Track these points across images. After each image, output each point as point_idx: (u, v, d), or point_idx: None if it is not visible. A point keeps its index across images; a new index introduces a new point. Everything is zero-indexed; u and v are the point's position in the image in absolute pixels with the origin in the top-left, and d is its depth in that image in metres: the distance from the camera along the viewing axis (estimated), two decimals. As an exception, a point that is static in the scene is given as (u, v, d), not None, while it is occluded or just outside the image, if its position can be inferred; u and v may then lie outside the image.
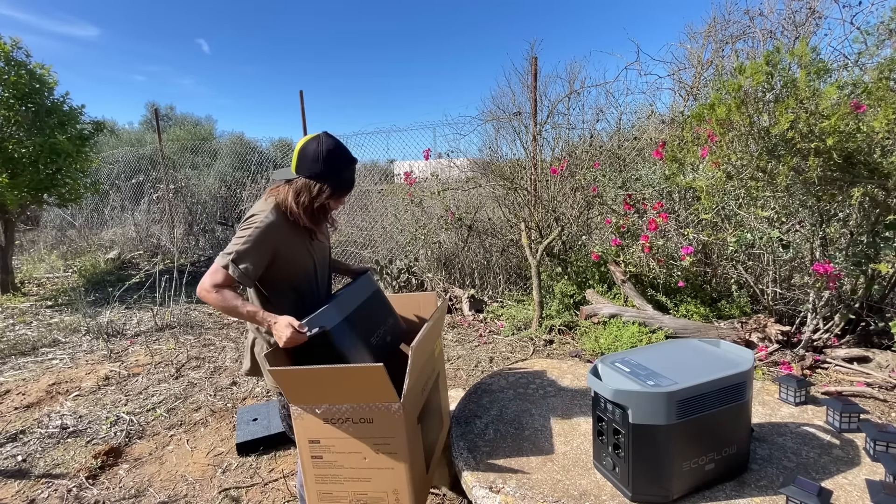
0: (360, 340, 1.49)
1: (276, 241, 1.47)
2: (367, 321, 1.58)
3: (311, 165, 1.47)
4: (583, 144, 4.79)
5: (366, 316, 1.59)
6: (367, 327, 1.56)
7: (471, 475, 1.32)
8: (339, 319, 1.46)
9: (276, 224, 1.47)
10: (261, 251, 1.45)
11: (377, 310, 1.67)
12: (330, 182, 1.48)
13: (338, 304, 1.52)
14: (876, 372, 2.70)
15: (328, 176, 1.48)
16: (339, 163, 1.49)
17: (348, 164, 1.52)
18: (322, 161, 1.46)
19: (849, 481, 1.21)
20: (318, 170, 1.46)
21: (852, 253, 2.67)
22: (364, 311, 1.59)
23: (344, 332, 1.45)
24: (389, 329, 1.69)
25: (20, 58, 5.14)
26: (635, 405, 1.12)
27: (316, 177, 1.47)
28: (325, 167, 1.46)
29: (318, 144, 1.47)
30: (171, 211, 7.68)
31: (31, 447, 2.57)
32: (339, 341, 1.43)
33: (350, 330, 1.48)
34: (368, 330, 1.56)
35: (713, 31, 4.10)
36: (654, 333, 3.37)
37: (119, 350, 3.97)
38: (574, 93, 4.75)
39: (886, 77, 2.21)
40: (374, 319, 1.62)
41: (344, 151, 1.51)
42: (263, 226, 1.45)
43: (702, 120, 2.66)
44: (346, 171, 1.52)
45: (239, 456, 2.44)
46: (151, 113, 13.60)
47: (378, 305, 1.69)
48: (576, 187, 4.52)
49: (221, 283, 1.43)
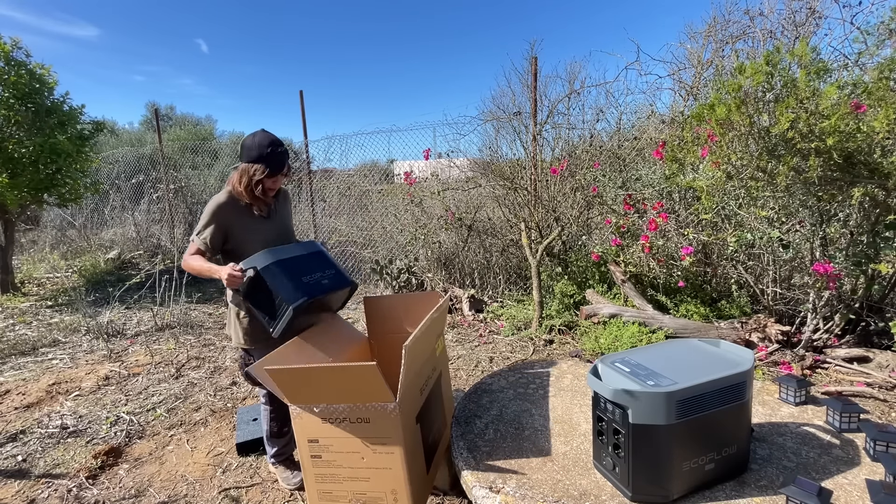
0: (289, 278, 1.76)
1: (225, 217, 1.86)
2: (301, 266, 1.84)
3: (247, 153, 1.85)
4: (583, 144, 4.79)
5: (301, 263, 1.85)
6: (301, 270, 1.82)
7: (471, 475, 1.32)
8: (270, 262, 1.77)
9: (225, 204, 1.87)
10: (214, 224, 1.85)
11: (311, 262, 1.89)
12: (262, 163, 1.82)
13: (274, 252, 1.82)
14: (876, 372, 2.70)
15: (260, 159, 1.82)
16: (267, 147, 1.84)
17: (276, 147, 1.85)
18: (255, 147, 1.84)
19: (849, 481, 1.21)
20: (253, 155, 1.83)
21: (852, 253, 2.67)
22: (300, 261, 1.86)
23: (273, 272, 1.76)
24: (330, 275, 1.89)
25: (20, 58, 5.14)
26: (635, 405, 1.12)
27: (252, 160, 1.84)
28: (257, 152, 1.83)
29: (253, 137, 1.86)
30: (171, 211, 7.68)
31: (31, 447, 2.57)
32: (269, 278, 1.75)
33: (280, 271, 1.77)
34: (301, 271, 1.82)
35: (713, 31, 4.10)
36: (654, 333, 3.37)
37: (119, 350, 3.97)
38: (574, 93, 4.75)
39: (886, 77, 2.20)
40: (309, 266, 1.86)
41: (272, 138, 1.86)
42: (214, 205, 1.86)
43: (702, 120, 2.66)
44: (275, 155, 1.84)
45: (239, 456, 2.43)
46: (151, 113, 13.60)
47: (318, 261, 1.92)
48: (576, 187, 4.52)
49: (193, 252, 1.86)
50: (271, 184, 1.89)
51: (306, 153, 6.31)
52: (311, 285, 1.79)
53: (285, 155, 1.88)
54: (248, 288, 1.76)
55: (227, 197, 1.88)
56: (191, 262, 1.84)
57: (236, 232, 1.89)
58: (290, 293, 1.74)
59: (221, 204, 1.86)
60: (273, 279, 1.75)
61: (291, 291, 1.74)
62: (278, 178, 1.89)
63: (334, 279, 1.90)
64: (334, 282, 1.89)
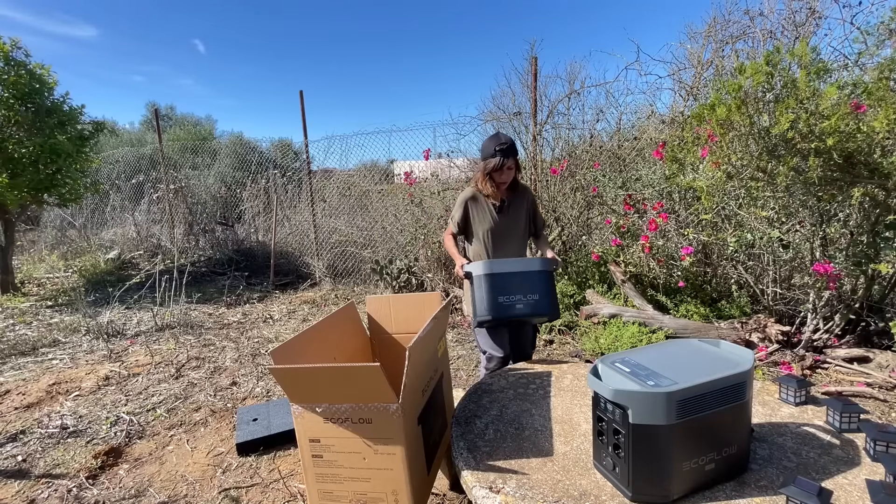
0: (488, 294, 2.00)
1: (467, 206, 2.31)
2: (506, 285, 2.01)
3: (481, 152, 2.29)
4: (583, 144, 4.79)
5: (508, 282, 2.02)
6: (502, 289, 2.01)
7: (471, 475, 1.32)
8: (482, 272, 2.02)
9: (469, 196, 2.32)
10: (460, 211, 2.32)
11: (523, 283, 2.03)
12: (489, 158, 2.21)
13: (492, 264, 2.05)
14: (876, 372, 2.70)
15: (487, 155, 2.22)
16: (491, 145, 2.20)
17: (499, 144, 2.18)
18: (483, 147, 2.28)
19: (849, 481, 1.21)
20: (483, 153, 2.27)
21: (852, 253, 2.67)
22: (510, 278, 2.02)
23: (479, 284, 2.02)
24: (526, 302, 2.02)
25: (20, 58, 5.14)
26: (635, 405, 1.12)
27: (483, 158, 2.27)
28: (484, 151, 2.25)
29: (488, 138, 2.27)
30: (171, 211, 7.68)
31: (31, 447, 2.57)
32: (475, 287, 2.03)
33: (485, 285, 2.01)
34: (503, 290, 2.01)
35: (713, 31, 4.11)
36: (654, 333, 3.37)
37: (119, 350, 3.97)
38: (574, 93, 4.75)
39: (886, 77, 2.21)
40: (514, 287, 2.02)
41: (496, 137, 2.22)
42: (462, 197, 2.33)
43: (702, 120, 2.66)
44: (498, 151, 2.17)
45: (239, 456, 2.43)
46: (152, 113, 13.60)
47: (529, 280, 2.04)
48: (576, 187, 4.52)
49: (449, 233, 2.38)
50: (498, 176, 2.22)
51: (306, 153, 6.31)
52: (502, 307, 2.00)
53: (508, 151, 2.17)
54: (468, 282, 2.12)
55: (472, 191, 2.32)
56: (446, 242, 2.36)
57: (471, 219, 2.32)
58: (481, 308, 2.00)
59: (466, 196, 2.32)
60: (477, 290, 2.02)
61: (482, 307, 2.00)
62: (503, 171, 2.20)
63: (532, 306, 2.02)
64: (530, 309, 2.02)
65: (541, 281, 2.06)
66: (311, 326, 1.70)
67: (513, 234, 2.35)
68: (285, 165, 8.77)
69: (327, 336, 1.81)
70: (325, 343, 1.76)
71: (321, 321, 1.77)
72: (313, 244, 6.31)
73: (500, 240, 2.33)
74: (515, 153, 2.23)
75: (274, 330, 4.45)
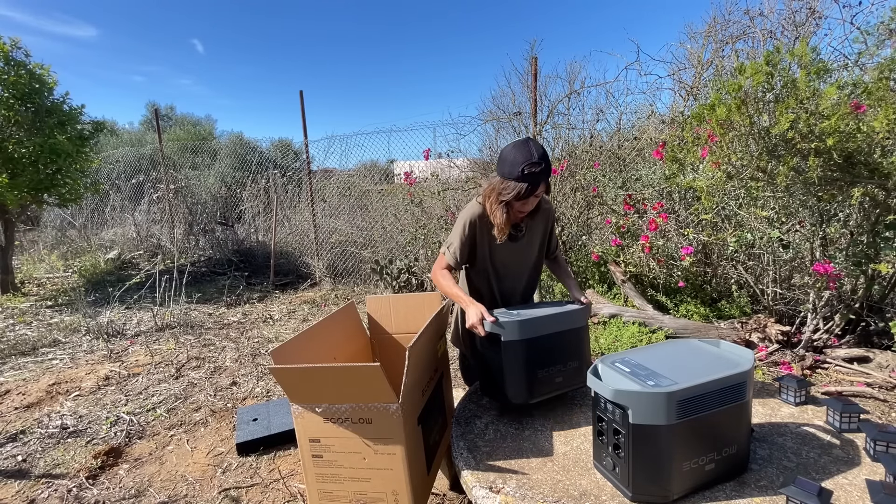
0: (526, 366, 1.50)
1: (474, 231, 1.72)
2: (547, 351, 1.54)
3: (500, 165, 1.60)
4: (583, 144, 4.79)
5: (549, 347, 1.55)
6: (542, 357, 1.53)
7: (471, 475, 1.32)
8: (518, 336, 1.49)
9: (477, 217, 1.71)
10: (465, 238, 1.72)
11: (566, 347, 1.59)
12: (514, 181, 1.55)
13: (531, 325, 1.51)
14: (876, 372, 2.70)
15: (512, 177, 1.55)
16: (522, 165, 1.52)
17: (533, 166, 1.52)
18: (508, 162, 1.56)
19: (849, 481, 1.21)
20: (505, 171, 1.57)
21: (852, 253, 2.67)
22: (550, 342, 1.55)
23: (514, 353, 1.49)
24: (565, 373, 1.59)
25: (19, 58, 5.14)
26: (635, 405, 1.12)
27: (504, 176, 1.58)
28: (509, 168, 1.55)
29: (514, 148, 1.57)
30: (171, 211, 7.68)
31: (31, 447, 2.57)
32: (508, 358, 1.49)
33: (523, 354, 1.50)
34: (542, 360, 1.53)
35: (713, 31, 4.11)
36: (654, 333, 3.36)
37: (119, 350, 3.97)
38: (574, 93, 4.75)
39: (886, 77, 2.20)
40: (555, 354, 1.57)
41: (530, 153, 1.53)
42: (466, 217, 1.72)
43: (702, 120, 2.65)
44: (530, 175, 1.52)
45: (239, 456, 2.44)
46: (152, 113, 13.60)
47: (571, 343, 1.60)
48: (576, 187, 4.52)
49: (443, 266, 1.77)
50: (520, 206, 1.62)
51: (306, 153, 6.32)
52: (541, 383, 1.54)
53: (541, 175, 1.53)
54: (483, 342, 1.57)
55: (479, 209, 1.70)
56: (440, 280, 1.74)
57: (480, 248, 1.75)
58: (516, 387, 1.51)
59: (473, 217, 1.69)
60: (510, 362, 1.50)
61: (517, 386, 1.51)
62: (529, 200, 1.60)
63: (571, 377, 1.61)
64: (569, 381, 1.61)
65: (582, 341, 1.62)
66: (311, 326, 1.70)
67: (525, 263, 1.88)
68: (285, 165, 8.77)
69: (327, 336, 1.81)
70: (325, 343, 1.76)
71: (321, 321, 1.77)
72: (313, 244, 6.31)
73: (508, 271, 1.85)
74: (549, 173, 1.58)
75: (274, 330, 4.45)
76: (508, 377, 1.50)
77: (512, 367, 1.50)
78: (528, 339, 1.50)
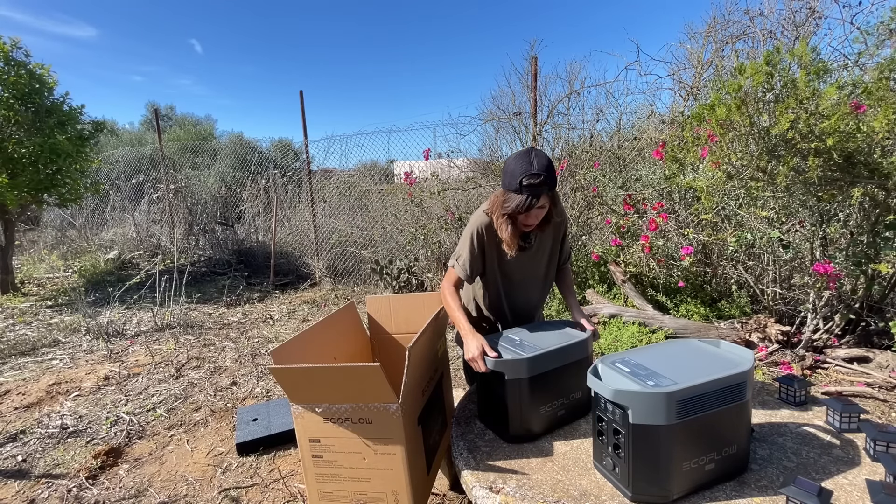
0: (530, 403, 1.45)
1: (483, 242, 1.67)
2: (549, 387, 1.48)
3: (504, 177, 1.55)
4: (583, 144, 4.79)
5: (553, 381, 1.48)
6: (545, 394, 1.47)
7: (471, 475, 1.32)
8: (522, 376, 1.43)
9: (487, 227, 1.65)
10: (475, 250, 1.67)
11: (568, 379, 1.52)
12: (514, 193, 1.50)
13: (536, 362, 1.44)
14: (876, 372, 2.70)
15: (511, 188, 1.51)
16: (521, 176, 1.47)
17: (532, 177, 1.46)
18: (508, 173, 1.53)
19: (849, 481, 1.21)
20: (505, 182, 1.54)
21: (852, 253, 2.67)
22: (554, 376, 1.48)
23: (518, 391, 1.43)
24: (569, 404, 1.54)
25: (20, 58, 5.14)
26: (635, 405, 1.12)
27: (506, 188, 1.55)
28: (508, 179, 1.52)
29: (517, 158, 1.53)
30: (171, 211, 7.68)
31: (31, 447, 2.57)
32: (511, 395, 1.43)
33: (527, 391, 1.44)
34: (546, 395, 1.48)
35: (713, 31, 4.11)
36: (654, 333, 3.36)
37: (119, 350, 3.97)
38: (574, 93, 4.75)
39: (886, 77, 2.20)
40: (558, 388, 1.50)
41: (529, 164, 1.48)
42: (475, 227, 1.65)
43: (702, 120, 2.66)
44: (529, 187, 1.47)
45: (239, 456, 2.44)
46: (152, 113, 13.60)
47: (573, 374, 1.53)
48: (576, 187, 4.52)
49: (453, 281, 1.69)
50: (524, 219, 1.56)
51: (306, 153, 6.32)
52: (542, 419, 1.48)
53: (540, 187, 1.47)
54: (482, 377, 1.50)
55: (487, 219, 1.63)
56: (447, 298, 1.65)
57: (489, 259, 1.69)
58: (518, 424, 1.45)
59: (480, 227, 1.63)
60: (512, 399, 1.43)
61: (520, 423, 1.45)
62: (531, 214, 1.53)
63: (573, 408, 1.55)
64: (571, 413, 1.55)
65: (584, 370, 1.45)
66: (311, 326, 1.70)
67: (535, 275, 1.80)
68: (285, 165, 8.78)
69: (327, 336, 1.81)
70: (325, 343, 1.77)
71: (321, 321, 1.77)
72: (313, 244, 6.31)
73: (518, 282, 1.78)
74: (552, 185, 1.51)
75: (274, 330, 4.45)
76: (512, 414, 1.44)
77: (515, 405, 1.44)
78: (534, 377, 1.44)
